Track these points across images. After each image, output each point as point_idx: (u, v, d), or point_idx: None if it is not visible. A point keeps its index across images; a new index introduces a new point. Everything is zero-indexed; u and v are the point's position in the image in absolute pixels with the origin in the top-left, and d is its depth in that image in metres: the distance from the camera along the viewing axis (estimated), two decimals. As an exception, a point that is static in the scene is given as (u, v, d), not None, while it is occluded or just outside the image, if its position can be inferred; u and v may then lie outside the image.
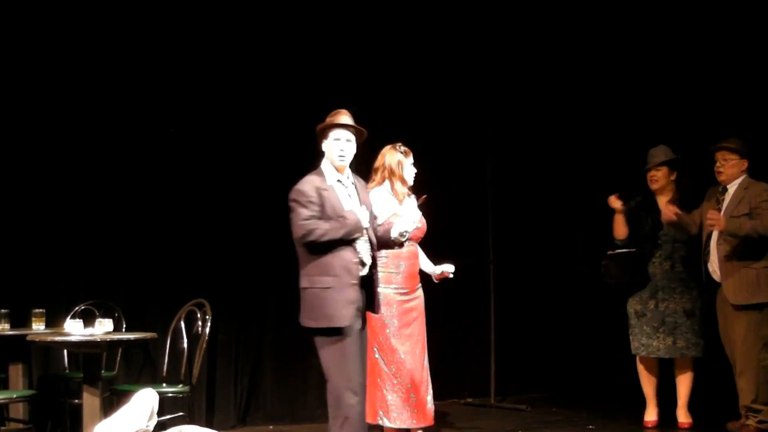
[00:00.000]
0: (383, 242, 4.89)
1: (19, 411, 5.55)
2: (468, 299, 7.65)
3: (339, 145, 4.69)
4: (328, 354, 4.60)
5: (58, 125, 6.24)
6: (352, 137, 4.73)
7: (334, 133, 4.70)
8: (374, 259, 4.77)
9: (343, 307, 4.57)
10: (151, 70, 6.48)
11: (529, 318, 8.02)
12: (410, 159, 5.47)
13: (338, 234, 4.54)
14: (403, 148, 5.46)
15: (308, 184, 4.65)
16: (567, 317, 8.09)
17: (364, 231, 4.62)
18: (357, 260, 4.64)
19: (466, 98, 7.67)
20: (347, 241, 4.57)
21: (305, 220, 4.56)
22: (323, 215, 4.59)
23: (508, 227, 7.78)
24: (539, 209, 8.11)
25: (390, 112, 6.87)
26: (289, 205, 4.66)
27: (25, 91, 6.17)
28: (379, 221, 5.16)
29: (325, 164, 4.78)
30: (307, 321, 4.65)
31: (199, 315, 5.57)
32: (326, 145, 4.75)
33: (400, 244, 4.87)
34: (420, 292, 5.48)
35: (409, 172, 5.44)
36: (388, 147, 5.44)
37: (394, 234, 4.77)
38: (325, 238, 4.52)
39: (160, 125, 6.51)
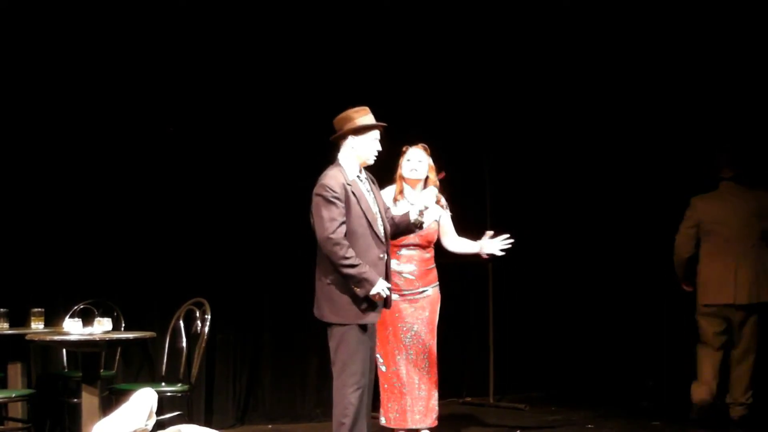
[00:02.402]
0: (403, 229, 4.90)
1: (18, 410, 5.54)
2: (467, 298, 7.66)
3: (377, 146, 4.74)
4: (345, 349, 4.57)
5: (57, 124, 6.24)
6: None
7: (374, 133, 4.74)
8: (388, 254, 4.78)
9: (374, 305, 4.60)
10: (151, 69, 6.47)
11: (528, 317, 8.03)
12: (406, 156, 5.49)
13: (346, 270, 4.50)
14: (405, 147, 5.51)
15: (333, 179, 4.61)
16: (566, 316, 8.10)
17: (377, 295, 4.56)
18: (383, 256, 4.66)
19: (466, 98, 7.67)
20: (375, 238, 4.62)
21: (332, 220, 4.52)
22: (348, 213, 4.57)
23: (507, 226, 7.76)
24: (539, 209, 8.11)
25: (389, 112, 6.85)
26: (313, 199, 4.63)
27: (25, 92, 6.16)
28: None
29: (344, 159, 4.73)
30: (332, 317, 4.61)
31: (198, 314, 5.57)
32: (359, 142, 4.70)
33: (420, 227, 4.88)
34: (425, 295, 5.46)
35: (405, 169, 5.47)
36: None
37: (413, 217, 4.78)
38: (341, 262, 4.49)
39: (159, 125, 6.51)
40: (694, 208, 6.46)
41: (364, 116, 4.73)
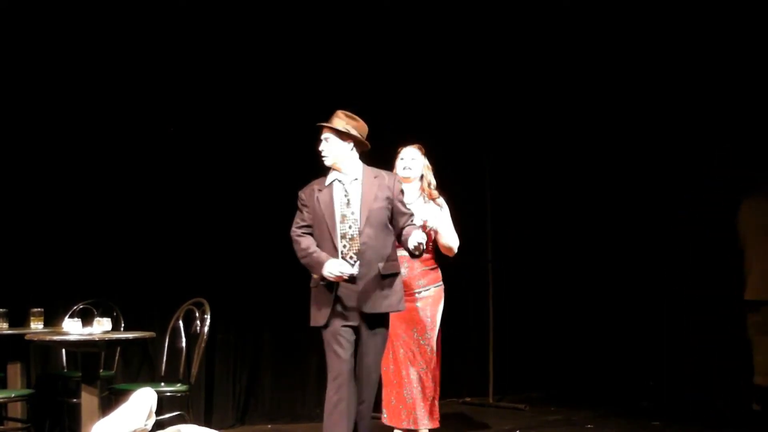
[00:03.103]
0: (404, 247, 4.90)
1: (17, 410, 5.54)
2: (466, 298, 7.65)
3: (319, 146, 4.81)
4: (325, 349, 4.73)
5: (57, 124, 6.24)
6: (330, 135, 4.76)
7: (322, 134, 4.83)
8: (390, 258, 4.78)
9: (321, 308, 4.70)
10: (151, 69, 6.48)
11: (528, 317, 8.03)
12: (400, 155, 5.46)
13: (302, 261, 4.75)
14: (399, 148, 5.48)
15: (306, 187, 4.84)
16: (566, 317, 8.10)
17: (329, 276, 4.60)
18: (345, 257, 4.67)
19: (465, 97, 7.68)
20: (330, 242, 4.69)
21: (294, 224, 4.81)
22: (314, 218, 4.75)
23: (507, 226, 7.79)
24: (538, 208, 8.12)
25: (389, 113, 6.87)
26: None
27: (25, 91, 6.16)
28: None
29: None
30: (312, 319, 4.81)
31: (197, 314, 5.57)
32: None
33: (413, 255, 4.86)
34: (426, 294, 5.42)
35: (399, 168, 5.43)
36: None
37: (409, 245, 4.77)
38: (298, 254, 4.75)
39: (159, 125, 6.51)
40: None
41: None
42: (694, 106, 7.33)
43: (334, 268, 4.59)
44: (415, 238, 4.70)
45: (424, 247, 4.77)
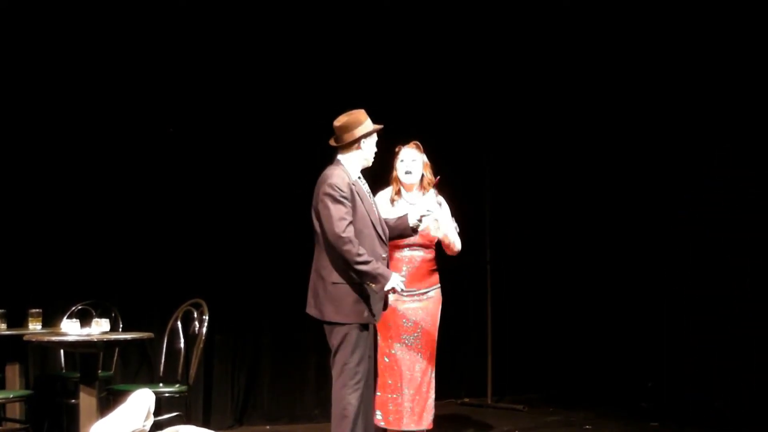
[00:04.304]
0: (399, 232, 4.89)
1: (15, 411, 5.55)
2: (465, 299, 7.64)
3: (375, 147, 4.78)
4: (347, 349, 4.58)
5: (57, 124, 6.25)
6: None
7: (375, 135, 4.76)
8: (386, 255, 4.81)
9: (376, 303, 4.63)
10: (151, 69, 6.48)
11: (526, 318, 8.02)
12: (400, 156, 5.43)
13: (359, 267, 4.50)
14: (398, 148, 5.44)
15: (339, 179, 4.60)
16: (565, 317, 8.08)
17: (392, 290, 4.60)
18: (386, 256, 4.69)
19: (465, 97, 7.67)
20: (378, 237, 4.64)
21: (340, 219, 4.51)
22: (354, 213, 4.57)
23: (506, 227, 7.78)
24: (537, 209, 8.11)
25: (388, 112, 6.83)
26: (321, 199, 4.58)
27: (25, 91, 6.17)
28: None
29: (349, 160, 4.72)
30: (335, 316, 4.60)
31: (196, 315, 5.57)
32: (369, 144, 4.73)
33: (415, 231, 4.86)
34: (427, 296, 5.40)
35: (400, 171, 5.40)
36: None
37: (412, 221, 4.76)
38: (354, 258, 4.49)
39: (159, 125, 6.51)
40: None
41: (368, 118, 4.74)
42: (695, 106, 7.32)
43: (398, 284, 4.58)
44: (424, 207, 4.76)
45: (421, 223, 4.80)
